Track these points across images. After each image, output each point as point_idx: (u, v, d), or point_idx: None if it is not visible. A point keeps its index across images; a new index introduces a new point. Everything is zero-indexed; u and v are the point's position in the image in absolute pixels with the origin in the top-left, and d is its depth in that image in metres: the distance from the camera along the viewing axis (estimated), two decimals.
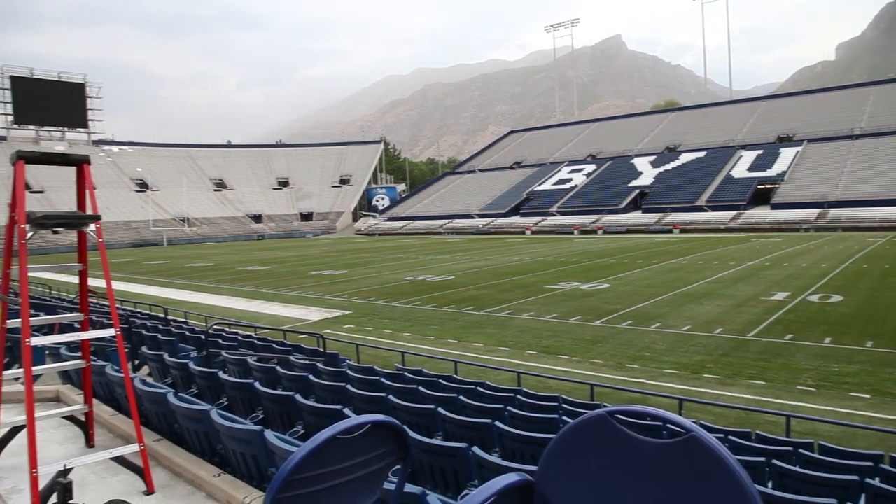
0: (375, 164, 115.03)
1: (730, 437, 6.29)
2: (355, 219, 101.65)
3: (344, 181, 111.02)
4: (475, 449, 4.22)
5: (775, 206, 58.90)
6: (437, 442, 4.61)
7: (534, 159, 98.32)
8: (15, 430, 4.65)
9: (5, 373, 4.65)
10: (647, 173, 76.04)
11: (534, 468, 1.37)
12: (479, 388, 8.32)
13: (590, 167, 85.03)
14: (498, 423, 5.37)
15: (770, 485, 4.80)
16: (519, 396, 7.90)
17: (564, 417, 6.49)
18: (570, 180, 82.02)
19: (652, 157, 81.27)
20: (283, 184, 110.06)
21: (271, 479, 3.91)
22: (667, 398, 9.38)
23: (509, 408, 6.63)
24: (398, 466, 1.86)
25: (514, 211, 78.47)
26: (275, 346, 11.57)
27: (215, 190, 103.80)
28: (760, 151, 72.16)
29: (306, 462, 1.52)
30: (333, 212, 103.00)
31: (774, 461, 4.87)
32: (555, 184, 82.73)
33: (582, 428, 1.26)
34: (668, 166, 76.15)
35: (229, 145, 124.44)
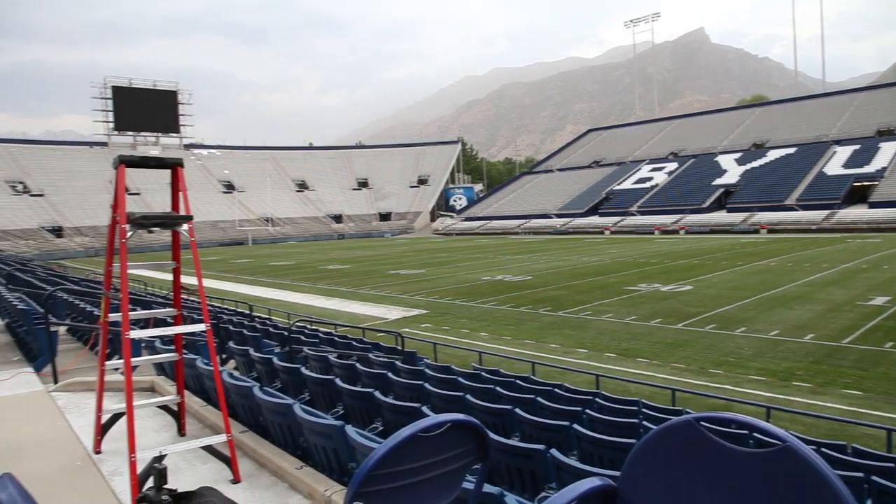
0: (453, 165, 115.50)
1: (823, 449, 5.98)
2: (433, 219, 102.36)
3: (422, 181, 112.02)
4: (553, 451, 4.18)
5: (874, 205, 55.47)
6: (514, 443, 4.59)
7: (613, 158, 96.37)
8: (115, 417, 4.93)
9: (107, 363, 4.94)
10: (732, 171, 73.14)
11: (614, 473, 1.34)
12: (556, 389, 8.24)
13: (671, 165, 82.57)
14: (576, 426, 5.30)
15: (869, 503, 4.53)
16: (597, 399, 7.78)
17: (645, 422, 6.33)
18: (650, 179, 79.93)
19: (738, 155, 78.06)
20: (363, 184, 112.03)
21: (351, 473, 4.00)
22: (753, 406, 9.01)
23: (588, 411, 6.53)
24: (477, 466, 1.87)
25: (592, 211, 77.13)
26: (354, 343, 11.81)
27: (297, 191, 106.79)
28: (857, 147, 68.11)
29: (388, 458, 1.55)
30: (411, 212, 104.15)
31: (874, 478, 4.60)
32: (635, 183, 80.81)
33: (667, 434, 1.22)
34: (755, 164, 72.97)
35: (311, 147, 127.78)
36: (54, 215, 79.55)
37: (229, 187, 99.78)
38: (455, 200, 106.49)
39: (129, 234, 4.12)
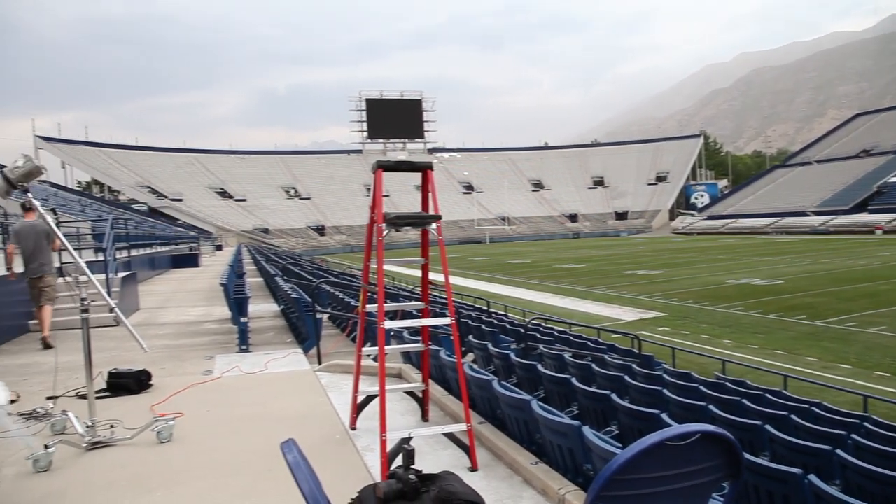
0: (694, 160, 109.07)
1: None
2: (672, 217, 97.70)
3: (660, 178, 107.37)
4: (812, 477, 3.77)
5: None
6: (766, 463, 4.22)
7: (888, 145, 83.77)
8: (368, 399, 5.44)
9: (363, 349, 5.47)
10: None
11: None
12: (814, 408, 7.43)
13: None
14: (840, 452, 4.72)
15: None
16: (866, 424, 6.85)
17: None
18: None
19: None
20: (598, 183, 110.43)
21: (586, 474, 3.98)
22: None
23: (854, 436, 5.79)
24: (725, 484, 1.76)
25: (859, 207, 67.95)
26: (589, 343, 11.71)
27: (533, 190, 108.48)
28: None
29: (632, 463, 1.52)
30: (649, 210, 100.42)
31: None
32: None
33: None
34: None
35: (546, 147, 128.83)
36: (318, 216, 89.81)
37: (468, 188, 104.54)
38: (696, 198, 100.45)
39: (385, 232, 4.51)
